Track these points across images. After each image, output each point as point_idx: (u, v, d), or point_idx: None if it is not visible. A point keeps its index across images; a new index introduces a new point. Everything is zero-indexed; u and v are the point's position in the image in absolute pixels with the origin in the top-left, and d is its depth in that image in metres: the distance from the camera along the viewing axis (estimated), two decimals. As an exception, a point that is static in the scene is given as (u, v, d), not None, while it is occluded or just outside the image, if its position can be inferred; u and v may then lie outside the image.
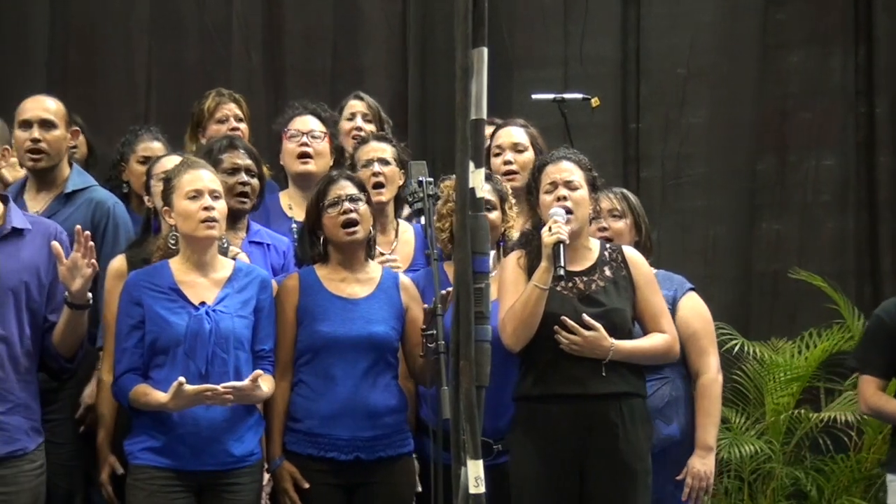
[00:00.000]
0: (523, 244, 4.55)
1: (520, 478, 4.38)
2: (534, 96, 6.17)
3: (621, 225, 4.82)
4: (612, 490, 4.31)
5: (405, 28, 7.27)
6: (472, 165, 2.45)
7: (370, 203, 4.51)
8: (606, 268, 4.46)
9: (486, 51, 2.43)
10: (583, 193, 4.43)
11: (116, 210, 4.98)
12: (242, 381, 4.09)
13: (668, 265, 4.98)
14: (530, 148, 5.20)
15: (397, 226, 5.06)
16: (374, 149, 5.03)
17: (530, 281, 4.32)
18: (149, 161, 5.36)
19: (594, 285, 4.42)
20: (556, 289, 4.34)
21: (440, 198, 4.53)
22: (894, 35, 7.04)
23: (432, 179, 4.45)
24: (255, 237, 4.79)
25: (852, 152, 7.09)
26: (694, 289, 4.81)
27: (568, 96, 6.10)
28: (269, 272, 4.65)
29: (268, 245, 4.80)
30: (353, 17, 7.32)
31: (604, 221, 4.76)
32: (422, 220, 4.54)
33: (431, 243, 4.31)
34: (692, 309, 4.72)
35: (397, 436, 4.39)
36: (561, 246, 4.25)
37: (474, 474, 2.42)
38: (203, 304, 4.20)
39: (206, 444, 4.14)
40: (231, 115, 5.50)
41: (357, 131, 5.53)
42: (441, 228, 4.55)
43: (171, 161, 4.55)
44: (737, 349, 6.62)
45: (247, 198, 4.72)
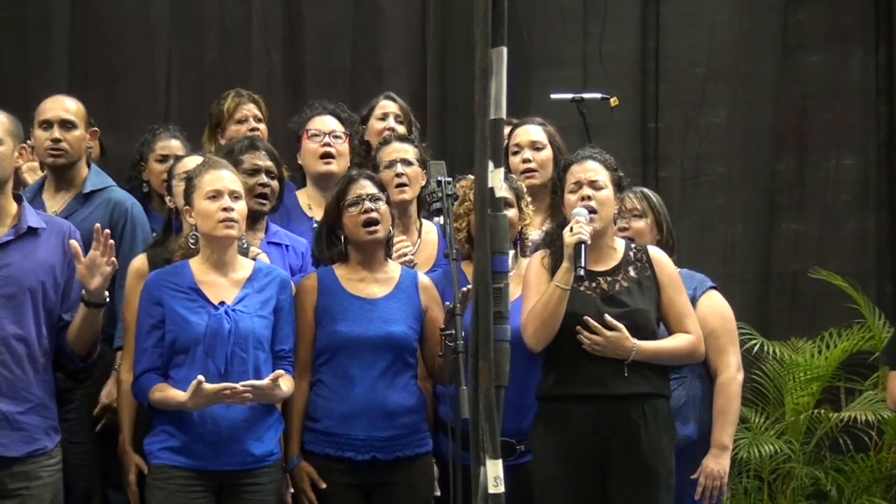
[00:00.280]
0: (548, 244, 4.55)
1: (542, 477, 4.37)
2: (553, 96, 6.16)
3: (642, 224, 4.81)
4: (634, 491, 4.30)
5: (424, 27, 7.27)
6: (491, 165, 2.44)
7: (389, 203, 4.52)
8: (631, 268, 4.45)
9: (505, 50, 2.43)
10: (607, 193, 4.42)
11: (134, 210, 5.00)
12: (262, 381, 4.10)
13: (687, 265, 4.97)
14: (548, 146, 5.20)
15: (420, 225, 5.07)
16: (397, 149, 5.03)
17: (552, 281, 4.32)
18: (167, 159, 5.39)
19: (618, 285, 4.41)
20: (580, 289, 4.33)
21: (459, 197, 4.54)
22: (915, 35, 7.04)
23: (451, 179, 4.45)
24: (274, 238, 4.79)
25: (872, 152, 7.07)
26: (715, 287, 4.80)
27: (587, 96, 6.09)
28: (287, 273, 4.66)
29: (286, 246, 4.80)
30: (373, 17, 7.32)
31: (624, 221, 4.75)
32: (440, 219, 4.54)
33: (450, 243, 4.31)
34: (711, 307, 4.70)
35: (415, 436, 4.39)
36: (582, 246, 4.24)
37: (493, 474, 2.42)
38: (223, 303, 4.20)
39: (227, 444, 4.14)
40: (250, 115, 5.51)
41: (389, 132, 5.50)
42: (458, 228, 4.55)
43: (193, 161, 4.56)
44: (756, 349, 6.61)
45: (266, 199, 4.73)
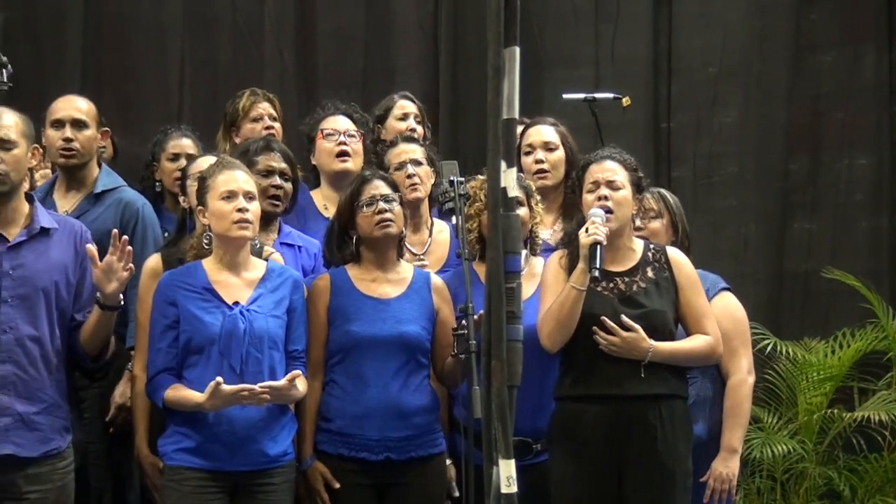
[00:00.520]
0: (566, 243, 4.54)
1: (558, 478, 4.37)
2: (565, 96, 6.16)
3: (657, 225, 4.80)
4: (650, 492, 4.28)
5: (437, 28, 7.27)
6: (503, 165, 2.44)
7: (402, 203, 4.52)
8: (649, 269, 4.43)
9: (518, 50, 2.43)
10: (625, 194, 4.40)
11: (145, 211, 5.01)
12: (279, 381, 4.10)
13: (700, 265, 4.95)
14: (561, 147, 5.20)
15: (432, 224, 5.07)
16: (405, 150, 5.03)
17: (568, 282, 4.30)
18: (179, 158, 5.41)
19: (635, 286, 4.40)
20: (597, 289, 4.32)
21: (472, 197, 4.53)
22: (929, 35, 7.02)
23: (463, 179, 4.45)
24: (287, 239, 4.80)
25: (886, 151, 7.06)
26: (728, 288, 4.79)
27: (599, 96, 6.09)
28: (299, 274, 4.66)
29: (299, 247, 4.80)
30: (385, 17, 7.33)
31: (640, 221, 4.71)
32: (453, 219, 4.54)
33: (463, 243, 4.31)
34: (723, 308, 4.68)
35: (428, 436, 4.38)
36: (598, 247, 4.23)
37: (506, 474, 2.42)
38: (237, 303, 4.20)
39: (242, 444, 4.14)
40: (266, 114, 5.51)
41: (411, 132, 5.49)
42: (469, 228, 4.54)
43: (207, 161, 4.55)
44: (769, 349, 6.60)
45: (279, 201, 4.73)
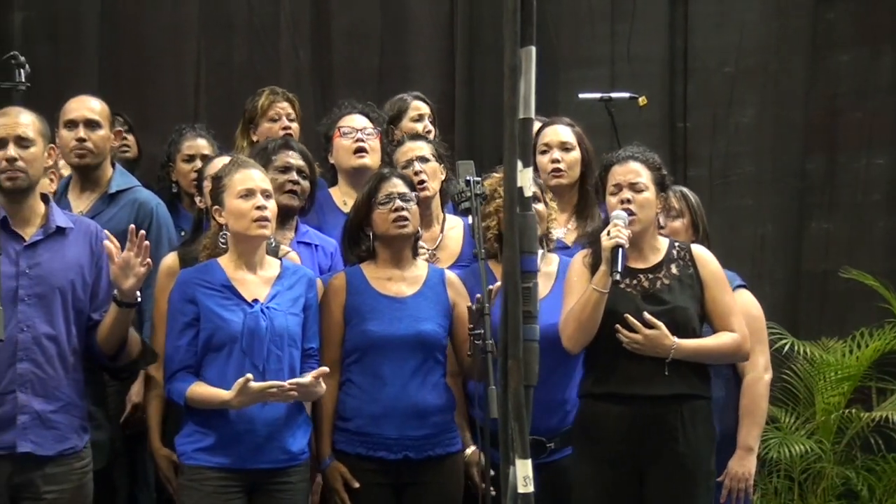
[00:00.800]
0: (590, 243, 4.53)
1: (579, 477, 4.37)
2: (581, 95, 6.16)
3: (678, 224, 4.79)
4: (671, 493, 4.27)
5: (453, 27, 7.27)
6: (520, 164, 2.44)
7: (418, 202, 4.53)
8: (673, 265, 4.41)
9: (534, 50, 2.42)
10: (647, 195, 4.37)
11: (159, 211, 5.02)
12: (305, 378, 4.10)
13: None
14: (577, 147, 5.19)
15: (443, 220, 5.07)
16: (412, 148, 5.02)
17: (590, 284, 4.28)
18: (194, 159, 5.43)
19: (659, 283, 4.37)
20: (620, 286, 4.30)
21: (488, 195, 4.53)
22: (946, 34, 6.99)
23: (480, 179, 4.44)
24: (304, 238, 4.80)
25: (903, 151, 7.04)
26: (744, 285, 4.77)
27: (615, 95, 6.09)
28: (316, 273, 4.67)
29: (316, 246, 4.81)
30: (401, 16, 7.33)
31: (661, 219, 4.68)
32: (469, 219, 4.54)
33: (479, 242, 4.31)
34: (742, 306, 4.63)
35: (445, 435, 4.39)
36: (620, 250, 4.21)
37: (523, 473, 2.42)
38: (256, 301, 4.21)
39: (263, 442, 4.15)
40: (283, 114, 5.51)
41: (428, 133, 5.49)
42: (488, 226, 4.54)
43: (223, 162, 4.54)
44: (787, 349, 6.59)
45: (296, 195, 4.74)
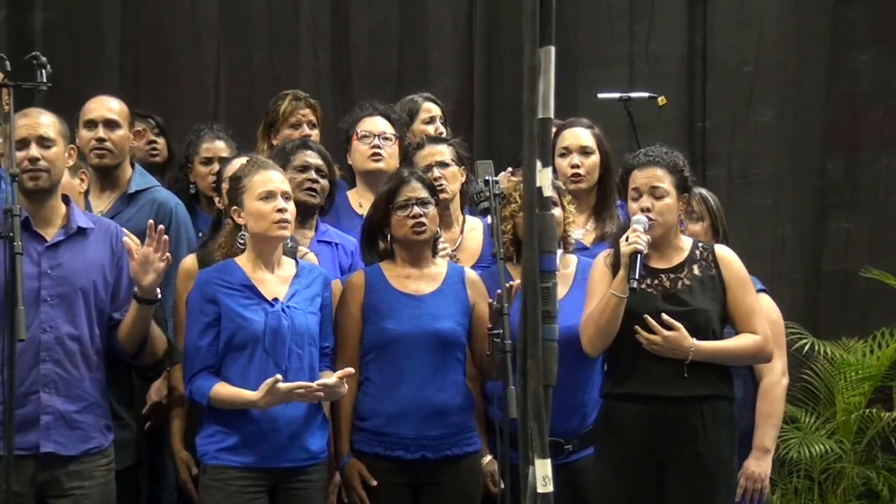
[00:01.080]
0: (612, 243, 4.51)
1: (600, 477, 4.36)
2: (600, 95, 6.14)
3: (698, 227, 4.77)
4: (692, 492, 4.25)
5: (472, 27, 7.26)
6: (539, 164, 2.44)
7: (438, 204, 4.53)
8: (695, 266, 4.38)
9: (553, 49, 2.42)
10: (668, 201, 4.34)
11: (178, 211, 5.04)
12: (331, 379, 4.11)
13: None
14: (597, 151, 5.16)
15: (463, 222, 5.07)
16: (432, 153, 5.01)
17: (609, 288, 4.27)
18: (212, 161, 5.43)
19: (680, 284, 4.35)
20: (642, 286, 4.29)
21: (507, 197, 4.53)
22: (967, 32, 6.96)
23: (498, 179, 4.44)
24: (324, 237, 4.81)
25: (924, 150, 7.01)
26: (764, 290, 4.75)
27: (634, 95, 6.08)
28: (336, 271, 4.68)
29: (336, 244, 4.81)
30: (420, 17, 7.34)
31: (683, 220, 4.63)
32: (488, 219, 4.54)
33: (498, 242, 4.31)
34: None
35: (463, 435, 4.39)
36: (638, 256, 4.20)
37: (542, 473, 2.42)
38: (276, 300, 4.22)
39: (285, 442, 4.16)
40: (305, 120, 5.46)
41: (439, 135, 5.46)
42: (503, 230, 4.51)
43: (242, 162, 4.56)
44: (807, 348, 6.57)
45: (315, 193, 4.74)
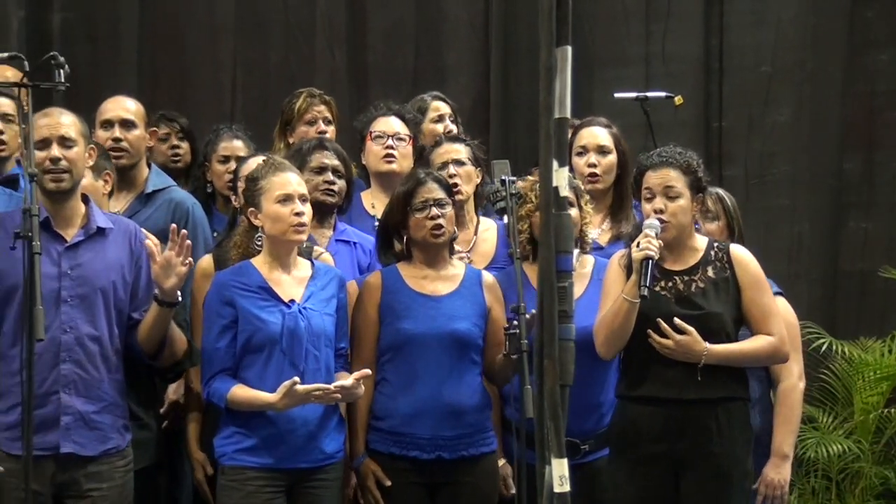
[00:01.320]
0: (628, 244, 4.51)
1: (617, 476, 4.36)
2: (617, 95, 6.14)
3: (714, 227, 4.75)
4: (707, 493, 4.25)
5: (488, 27, 7.27)
6: (555, 164, 2.44)
7: (455, 205, 4.53)
8: (710, 268, 4.36)
9: (570, 49, 2.42)
10: (681, 203, 4.32)
11: (195, 211, 5.05)
12: (348, 381, 4.11)
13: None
14: (614, 150, 5.16)
15: (477, 223, 5.07)
16: (449, 150, 5.02)
17: (621, 293, 4.26)
18: (229, 160, 5.44)
19: (694, 286, 4.33)
20: (655, 289, 4.28)
21: (523, 197, 4.53)
22: None
23: (515, 179, 4.44)
24: (342, 236, 4.82)
25: (943, 150, 7.00)
26: (780, 293, 4.74)
27: (651, 95, 6.07)
28: (355, 271, 4.69)
29: (355, 244, 4.82)
30: (436, 17, 7.34)
31: (698, 221, 4.62)
32: (504, 219, 4.54)
33: (515, 242, 4.31)
34: None
35: (480, 435, 4.39)
36: (649, 262, 4.19)
37: (559, 473, 2.42)
38: (293, 301, 4.22)
39: (302, 442, 4.17)
40: (320, 117, 5.48)
41: (448, 133, 5.48)
42: (520, 229, 4.52)
43: (257, 162, 4.57)
44: (824, 348, 6.55)
45: (333, 193, 4.75)
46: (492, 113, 7.16)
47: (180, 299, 4.19)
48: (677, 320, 4.24)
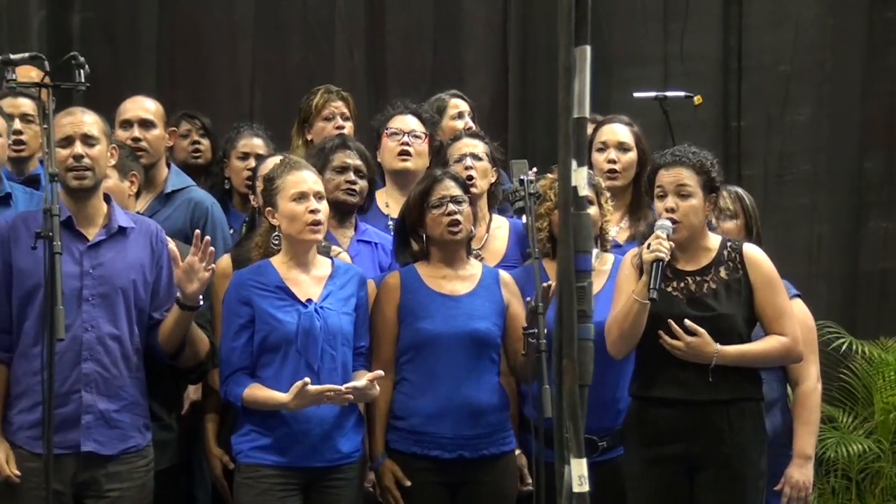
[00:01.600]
0: (641, 242, 4.50)
1: (631, 473, 4.36)
2: (636, 94, 6.12)
3: (731, 225, 4.73)
4: (720, 493, 4.24)
5: (506, 26, 7.26)
6: (574, 164, 2.44)
7: (471, 203, 4.53)
8: (722, 268, 4.33)
9: (588, 49, 2.42)
10: (693, 202, 4.29)
11: (214, 210, 5.06)
12: (361, 382, 4.12)
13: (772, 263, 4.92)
14: (635, 148, 5.15)
15: (490, 220, 5.06)
16: (467, 144, 5.02)
17: (632, 293, 4.24)
18: (248, 157, 5.45)
19: (706, 287, 4.30)
20: (667, 289, 4.27)
21: (541, 196, 4.53)
22: None
23: (534, 178, 4.44)
24: (364, 236, 4.82)
25: (963, 149, 6.98)
26: (798, 295, 4.72)
27: (670, 94, 6.06)
28: (376, 271, 4.68)
29: (375, 244, 4.81)
30: (454, 16, 7.34)
31: (714, 220, 4.58)
32: (523, 218, 4.54)
33: (533, 242, 4.31)
34: (796, 316, 4.60)
35: (500, 434, 4.39)
36: (659, 265, 4.18)
37: (578, 473, 2.42)
38: (310, 301, 4.23)
39: (317, 442, 4.17)
40: (338, 113, 5.50)
41: (467, 130, 5.46)
42: (539, 228, 4.52)
43: (276, 161, 4.57)
44: (844, 348, 6.54)
45: (354, 193, 4.75)
46: (510, 112, 7.15)
47: (202, 303, 4.20)
48: (688, 322, 4.22)
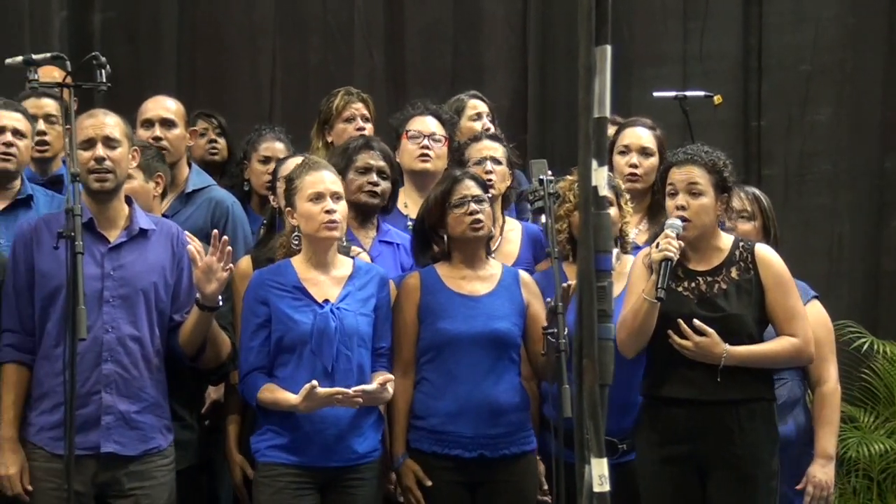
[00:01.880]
0: (652, 242, 4.50)
1: (644, 473, 4.35)
2: (655, 94, 6.11)
3: (748, 227, 4.71)
4: (731, 495, 4.23)
5: (525, 26, 7.26)
6: (594, 164, 2.44)
7: (491, 203, 4.53)
8: (734, 269, 4.32)
9: (609, 49, 2.42)
10: (704, 201, 4.29)
11: (235, 210, 5.07)
12: (372, 385, 4.14)
13: (792, 263, 4.89)
14: (657, 153, 5.13)
15: (503, 223, 5.06)
16: (487, 147, 5.03)
17: (641, 292, 4.24)
18: (269, 161, 5.45)
19: (716, 287, 4.30)
20: (678, 289, 4.28)
21: (561, 197, 4.53)
22: None
23: (553, 178, 4.44)
24: (386, 237, 4.82)
25: (984, 148, 6.94)
26: (818, 297, 4.71)
27: (690, 94, 6.05)
28: (398, 271, 4.69)
29: (397, 245, 4.82)
30: (474, 16, 7.34)
31: (728, 221, 4.58)
32: (542, 219, 4.54)
33: (553, 242, 4.31)
34: (814, 317, 4.55)
35: (520, 433, 4.39)
36: (668, 264, 4.17)
37: (599, 473, 2.42)
38: (327, 301, 4.24)
39: (334, 442, 4.18)
40: (358, 114, 5.51)
41: (486, 131, 5.47)
42: (558, 229, 4.51)
43: (296, 162, 4.57)
44: (865, 347, 6.52)
45: (376, 195, 4.75)
46: (529, 112, 7.15)
47: (221, 304, 4.21)
48: (696, 322, 4.22)
